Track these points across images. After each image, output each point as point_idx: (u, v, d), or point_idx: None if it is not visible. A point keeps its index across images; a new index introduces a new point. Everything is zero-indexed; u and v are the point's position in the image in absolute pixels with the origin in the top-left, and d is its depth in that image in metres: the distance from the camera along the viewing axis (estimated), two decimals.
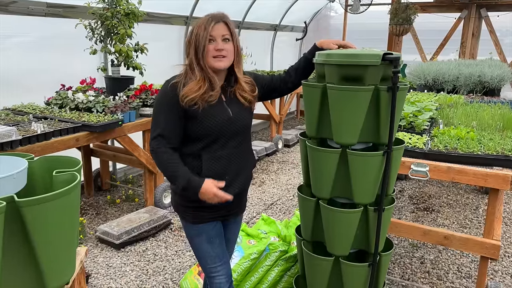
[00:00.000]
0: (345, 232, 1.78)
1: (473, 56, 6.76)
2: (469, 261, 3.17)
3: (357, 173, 1.70)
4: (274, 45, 7.91)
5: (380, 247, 1.86)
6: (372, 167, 1.69)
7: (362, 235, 1.85)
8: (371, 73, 1.60)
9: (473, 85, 4.41)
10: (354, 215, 1.75)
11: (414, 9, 6.37)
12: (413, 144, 2.49)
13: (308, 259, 1.97)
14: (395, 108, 1.60)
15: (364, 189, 1.73)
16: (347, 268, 1.83)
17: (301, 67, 1.96)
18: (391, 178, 1.81)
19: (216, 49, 1.69)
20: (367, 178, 1.71)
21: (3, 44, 3.65)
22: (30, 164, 1.23)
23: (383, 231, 1.83)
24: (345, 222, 1.77)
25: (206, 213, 1.85)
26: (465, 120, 3.01)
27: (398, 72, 1.53)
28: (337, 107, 1.66)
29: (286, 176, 5.09)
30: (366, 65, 1.59)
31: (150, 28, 4.84)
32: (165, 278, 2.90)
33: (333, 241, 1.84)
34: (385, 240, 1.97)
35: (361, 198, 1.75)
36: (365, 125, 1.67)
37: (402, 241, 3.45)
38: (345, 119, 1.66)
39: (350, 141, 1.69)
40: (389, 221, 1.88)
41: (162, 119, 1.73)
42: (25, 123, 3.02)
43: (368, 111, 1.64)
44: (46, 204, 0.97)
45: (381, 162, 1.69)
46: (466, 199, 4.38)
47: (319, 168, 1.80)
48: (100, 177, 4.48)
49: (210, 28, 1.69)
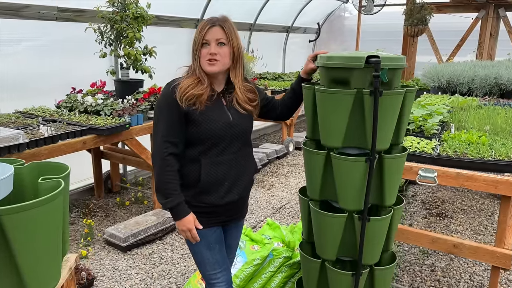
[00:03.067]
0: (330, 237, 1.75)
1: (491, 57, 6.59)
2: (482, 269, 3.07)
3: (340, 177, 1.67)
4: (286, 47, 7.86)
5: (372, 260, 1.78)
6: (354, 173, 1.64)
7: (351, 244, 1.79)
8: (357, 76, 1.57)
9: (489, 87, 4.28)
10: (337, 220, 1.71)
11: (430, 10, 6.24)
12: (421, 149, 2.41)
13: (302, 259, 1.95)
14: (377, 112, 1.54)
15: (348, 195, 1.69)
16: (331, 273, 1.80)
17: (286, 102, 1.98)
18: (386, 187, 1.72)
19: (209, 53, 1.68)
20: (350, 184, 1.66)
21: (16, 48, 3.72)
22: (20, 170, 1.23)
23: (373, 243, 1.74)
24: (329, 227, 1.73)
25: (205, 218, 1.82)
26: (478, 124, 2.92)
27: (378, 76, 1.48)
28: (322, 109, 1.65)
29: (296, 179, 5.04)
30: (350, 68, 1.57)
31: (161, 31, 4.87)
32: (170, 282, 2.89)
33: (320, 243, 1.81)
34: (389, 253, 1.90)
35: (345, 203, 1.71)
36: (352, 130, 1.63)
37: (413, 248, 3.36)
38: (329, 121, 1.64)
39: (335, 144, 1.66)
40: (382, 233, 1.78)
41: (164, 122, 1.71)
42: (34, 126, 3.06)
43: (353, 115, 1.60)
44: (28, 212, 0.96)
45: (365, 169, 1.63)
46: (481, 204, 4.25)
47: (310, 168, 1.79)
48: (110, 179, 4.51)
49: (204, 32, 1.68)
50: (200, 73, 1.72)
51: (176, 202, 1.70)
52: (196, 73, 1.73)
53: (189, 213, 1.73)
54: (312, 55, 1.84)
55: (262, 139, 6.98)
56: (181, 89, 1.69)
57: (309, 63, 1.86)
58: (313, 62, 1.84)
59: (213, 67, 1.70)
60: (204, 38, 1.68)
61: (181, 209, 1.72)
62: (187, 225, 1.73)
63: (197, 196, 1.78)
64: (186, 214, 1.72)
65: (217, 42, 1.69)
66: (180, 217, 1.72)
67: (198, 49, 1.70)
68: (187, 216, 1.72)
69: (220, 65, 1.71)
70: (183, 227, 1.73)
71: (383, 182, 1.70)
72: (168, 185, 1.70)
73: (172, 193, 1.70)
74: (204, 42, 1.69)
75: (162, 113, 1.73)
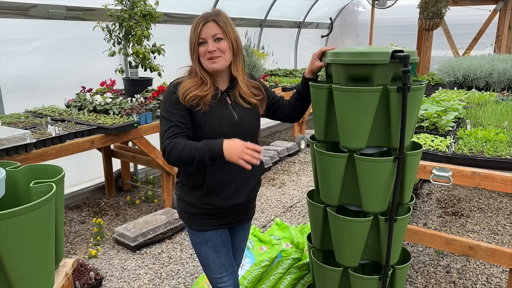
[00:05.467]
0: (353, 243, 1.68)
1: (509, 50, 6.37)
2: (500, 271, 2.96)
3: (366, 180, 1.59)
4: (298, 43, 7.76)
5: (393, 260, 1.74)
6: (381, 174, 1.57)
7: (373, 246, 1.73)
8: (380, 73, 1.49)
9: (508, 81, 4.12)
10: (362, 224, 1.64)
11: (445, 2, 6.05)
12: (435, 147, 2.32)
13: (316, 268, 1.87)
14: (406, 110, 1.47)
15: (374, 197, 1.61)
16: (355, 280, 1.72)
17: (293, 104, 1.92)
18: (406, 185, 1.68)
19: (208, 51, 1.62)
20: (376, 186, 1.59)
21: (25, 48, 3.73)
22: (14, 174, 1.20)
23: (396, 243, 1.71)
24: (353, 232, 1.66)
25: (212, 220, 1.78)
26: (495, 120, 2.80)
27: (408, 71, 1.40)
28: (343, 109, 1.56)
29: (307, 177, 4.96)
30: (374, 64, 1.47)
31: (171, 29, 4.84)
32: (178, 282, 2.86)
33: (341, 251, 1.74)
34: (401, 251, 1.84)
35: (371, 206, 1.63)
36: (375, 129, 1.56)
37: (427, 248, 3.26)
38: (352, 122, 1.55)
39: (358, 146, 1.58)
40: (403, 232, 1.75)
41: (168, 117, 1.63)
42: (42, 125, 3.06)
43: (377, 114, 1.52)
44: (17, 218, 0.92)
45: (392, 169, 1.57)
46: (499, 203, 4.11)
47: (326, 173, 1.70)
48: (121, 177, 4.51)
49: (199, 30, 1.62)
50: (201, 73, 1.67)
51: (203, 150, 1.50)
52: (198, 74, 1.68)
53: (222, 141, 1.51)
54: (318, 53, 1.77)
55: (273, 137, 6.91)
56: (183, 89, 1.64)
57: (316, 61, 1.79)
58: (320, 60, 1.77)
59: (215, 64, 1.64)
60: (200, 37, 1.63)
61: (214, 146, 1.50)
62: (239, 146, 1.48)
63: (203, 198, 1.73)
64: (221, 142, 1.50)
65: (214, 38, 1.63)
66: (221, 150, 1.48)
67: (196, 49, 1.65)
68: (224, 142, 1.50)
69: (222, 61, 1.65)
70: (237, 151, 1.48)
71: (403, 180, 1.64)
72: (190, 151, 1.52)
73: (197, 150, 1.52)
74: (200, 41, 1.63)
75: (165, 110, 1.67)
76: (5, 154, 2.50)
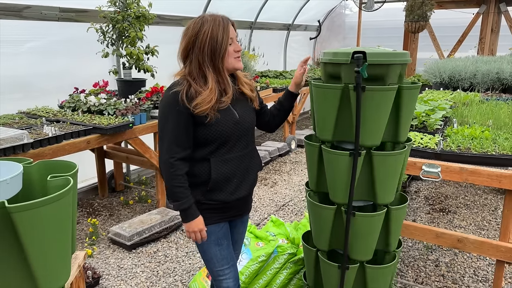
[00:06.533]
0: (321, 228, 1.81)
1: (492, 52, 6.57)
2: (486, 264, 3.08)
3: (329, 170, 1.71)
4: (287, 45, 7.86)
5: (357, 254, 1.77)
6: (340, 167, 1.66)
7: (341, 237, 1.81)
8: (345, 72, 1.60)
9: (491, 82, 4.28)
10: (327, 211, 1.76)
11: (430, 5, 6.23)
12: (425, 144, 2.42)
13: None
14: (360, 108, 1.55)
15: (337, 188, 1.72)
16: (323, 264, 1.85)
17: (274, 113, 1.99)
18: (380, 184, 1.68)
19: (236, 51, 1.72)
20: (337, 177, 1.69)
21: (19, 49, 3.73)
22: (28, 169, 1.24)
23: (360, 238, 1.73)
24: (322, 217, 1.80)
25: (214, 214, 1.84)
26: (481, 119, 2.92)
27: (358, 71, 1.50)
28: (315, 102, 1.72)
29: (298, 176, 5.04)
30: (339, 63, 1.61)
31: (163, 31, 4.87)
32: (175, 280, 2.91)
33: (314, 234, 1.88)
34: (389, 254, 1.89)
35: (334, 196, 1.75)
36: (341, 124, 1.67)
37: (417, 243, 3.37)
38: (321, 115, 1.69)
39: (326, 138, 1.71)
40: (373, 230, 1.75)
41: (170, 127, 1.68)
42: (38, 126, 3.07)
43: (341, 109, 1.63)
44: (38, 210, 0.97)
45: (349, 164, 1.64)
46: (484, 199, 4.25)
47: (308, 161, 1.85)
48: (114, 178, 4.53)
49: (229, 30, 1.69)
50: (225, 77, 1.72)
51: (186, 205, 1.72)
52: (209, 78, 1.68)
53: (198, 216, 1.75)
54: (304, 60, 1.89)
55: (264, 137, 6.98)
56: (202, 104, 1.64)
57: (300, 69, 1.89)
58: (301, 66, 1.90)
59: (240, 63, 1.76)
60: (230, 37, 1.70)
61: (191, 212, 1.74)
62: (198, 226, 1.76)
63: (208, 194, 1.78)
64: (196, 216, 1.74)
65: (236, 38, 1.76)
66: (189, 219, 1.74)
67: (227, 48, 1.68)
68: (197, 218, 1.75)
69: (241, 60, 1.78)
70: (193, 229, 1.75)
71: (373, 179, 1.68)
72: (178, 189, 1.71)
73: (182, 196, 1.71)
74: (230, 41, 1.71)
75: (168, 120, 1.69)
76: (3, 154, 2.51)
